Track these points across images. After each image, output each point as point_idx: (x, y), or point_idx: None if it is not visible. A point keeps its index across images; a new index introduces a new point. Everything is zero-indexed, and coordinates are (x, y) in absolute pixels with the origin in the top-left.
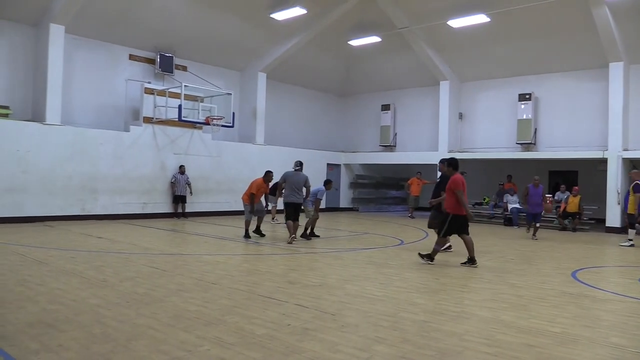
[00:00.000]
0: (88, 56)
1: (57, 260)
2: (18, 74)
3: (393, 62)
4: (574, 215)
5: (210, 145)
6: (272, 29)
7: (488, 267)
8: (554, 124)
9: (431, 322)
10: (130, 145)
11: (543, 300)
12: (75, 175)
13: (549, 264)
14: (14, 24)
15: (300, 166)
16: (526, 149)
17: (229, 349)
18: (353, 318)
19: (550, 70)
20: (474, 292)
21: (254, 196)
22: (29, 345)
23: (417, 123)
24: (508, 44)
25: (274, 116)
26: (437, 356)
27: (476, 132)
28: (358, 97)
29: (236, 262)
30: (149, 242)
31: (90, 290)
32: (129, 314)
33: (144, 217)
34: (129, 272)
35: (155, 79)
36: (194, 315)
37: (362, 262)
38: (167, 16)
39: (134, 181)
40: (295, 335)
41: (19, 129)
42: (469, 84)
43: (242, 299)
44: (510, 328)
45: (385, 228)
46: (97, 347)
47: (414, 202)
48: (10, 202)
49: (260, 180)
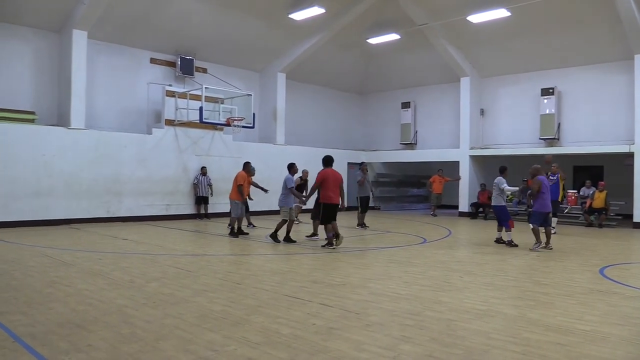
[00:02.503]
0: (110, 61)
1: (84, 262)
2: (43, 80)
3: (413, 59)
4: (600, 211)
5: (231, 146)
6: (290, 29)
7: (513, 265)
8: (578, 118)
9: (457, 321)
10: (152, 148)
11: (570, 297)
12: (99, 178)
13: (575, 261)
14: (38, 31)
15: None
16: (550, 145)
17: (255, 349)
18: (378, 317)
19: (573, 63)
20: (499, 290)
21: (242, 190)
22: (59, 345)
23: (437, 120)
24: (529, 38)
25: (294, 116)
26: (464, 355)
27: (498, 128)
28: (378, 96)
29: (259, 262)
30: (173, 243)
31: (118, 291)
32: (156, 314)
33: (167, 218)
34: (155, 273)
35: (176, 81)
36: (219, 315)
37: (385, 261)
38: (187, 19)
39: (157, 183)
40: (321, 334)
41: (45, 133)
42: (490, 80)
43: (267, 298)
44: (538, 326)
45: (408, 226)
46: (125, 347)
47: (436, 200)
48: (37, 206)
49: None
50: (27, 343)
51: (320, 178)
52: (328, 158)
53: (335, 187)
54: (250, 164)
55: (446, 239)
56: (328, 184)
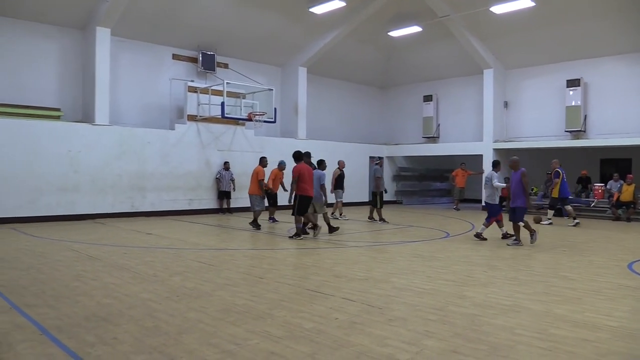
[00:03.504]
0: (133, 57)
1: (110, 256)
2: (68, 77)
3: (435, 51)
4: (628, 205)
5: (253, 141)
6: (311, 23)
7: (539, 260)
8: (605, 110)
9: (481, 316)
10: (175, 143)
11: (598, 293)
12: (124, 174)
13: (602, 256)
14: (62, 29)
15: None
16: (576, 137)
17: (277, 343)
18: (401, 312)
19: (599, 54)
20: (524, 285)
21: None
22: (85, 338)
23: (460, 113)
24: (554, 29)
25: (315, 110)
26: (488, 350)
27: (522, 121)
28: (399, 89)
29: (281, 257)
30: (196, 238)
31: (142, 285)
32: (179, 307)
33: (190, 213)
34: (178, 267)
35: (198, 77)
36: (242, 309)
37: (408, 255)
38: (208, 15)
39: (180, 178)
40: (343, 329)
41: (70, 130)
42: (514, 72)
43: (289, 292)
44: (565, 322)
45: (430, 220)
46: (149, 340)
47: (459, 193)
48: (64, 201)
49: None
50: (54, 335)
51: (296, 173)
52: (298, 153)
53: (310, 180)
54: (265, 158)
55: (469, 233)
56: (304, 178)
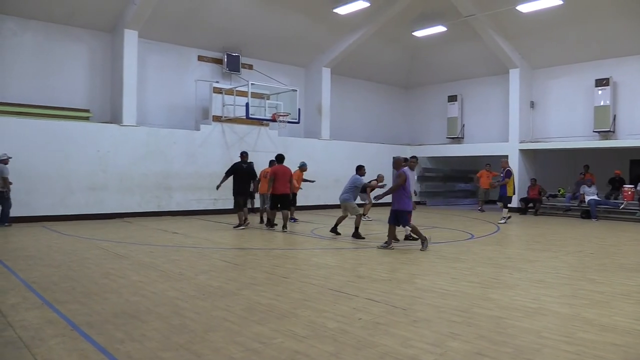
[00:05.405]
0: (160, 59)
1: (137, 254)
2: (97, 79)
3: (459, 51)
4: None
5: (277, 142)
6: (335, 23)
7: (566, 262)
8: (635, 109)
9: (507, 318)
10: (201, 144)
11: (628, 297)
12: (150, 174)
13: (632, 259)
14: (91, 32)
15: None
16: (604, 138)
17: (302, 342)
18: (425, 313)
19: (629, 52)
20: (551, 288)
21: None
22: (114, 334)
23: (485, 113)
24: (582, 27)
25: (339, 111)
26: (514, 353)
27: (549, 121)
28: (423, 89)
29: (305, 257)
30: (221, 237)
31: (168, 283)
32: (205, 306)
33: (215, 212)
34: (204, 266)
35: (223, 78)
36: (266, 308)
37: (432, 257)
38: (233, 16)
39: (205, 178)
40: (367, 329)
41: (99, 130)
42: (541, 71)
43: (313, 292)
44: (593, 326)
45: (455, 222)
46: (176, 337)
47: (483, 195)
48: (93, 200)
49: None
50: (84, 331)
51: (272, 173)
52: (279, 156)
53: (285, 181)
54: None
55: (494, 235)
56: (278, 178)
